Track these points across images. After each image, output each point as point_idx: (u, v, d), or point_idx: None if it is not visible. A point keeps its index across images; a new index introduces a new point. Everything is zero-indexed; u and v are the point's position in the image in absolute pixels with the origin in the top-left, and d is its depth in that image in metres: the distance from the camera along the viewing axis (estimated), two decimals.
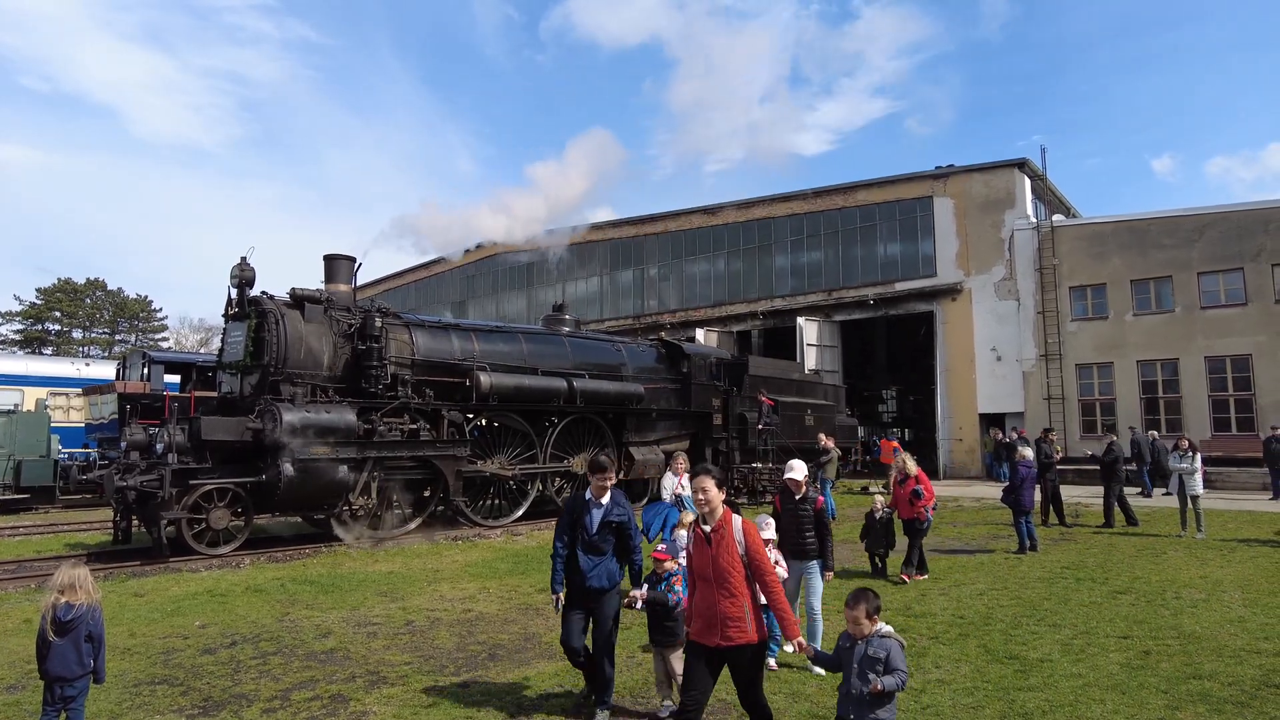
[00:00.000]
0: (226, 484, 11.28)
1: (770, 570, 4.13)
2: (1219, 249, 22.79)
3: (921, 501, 9.69)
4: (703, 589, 4.07)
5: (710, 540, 4.09)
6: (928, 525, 9.85)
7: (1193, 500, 12.80)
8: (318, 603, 8.59)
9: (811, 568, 6.48)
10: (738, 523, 4.15)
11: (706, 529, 4.15)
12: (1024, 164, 26.52)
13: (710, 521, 4.18)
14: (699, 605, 4.07)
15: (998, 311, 26.37)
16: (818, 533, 6.47)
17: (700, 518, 4.23)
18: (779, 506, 6.67)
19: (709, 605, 3.99)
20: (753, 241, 32.56)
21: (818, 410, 22.08)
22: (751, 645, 4.00)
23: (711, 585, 4.00)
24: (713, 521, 4.17)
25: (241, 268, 12.73)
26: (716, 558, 4.02)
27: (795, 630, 4.03)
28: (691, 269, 34.52)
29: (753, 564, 4.07)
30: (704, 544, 4.12)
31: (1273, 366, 21.81)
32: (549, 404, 15.19)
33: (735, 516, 4.19)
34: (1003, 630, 7.01)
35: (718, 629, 3.94)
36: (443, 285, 45.37)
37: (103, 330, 64.80)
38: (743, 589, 4.01)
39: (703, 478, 4.22)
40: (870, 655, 3.76)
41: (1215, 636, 6.72)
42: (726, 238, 33.42)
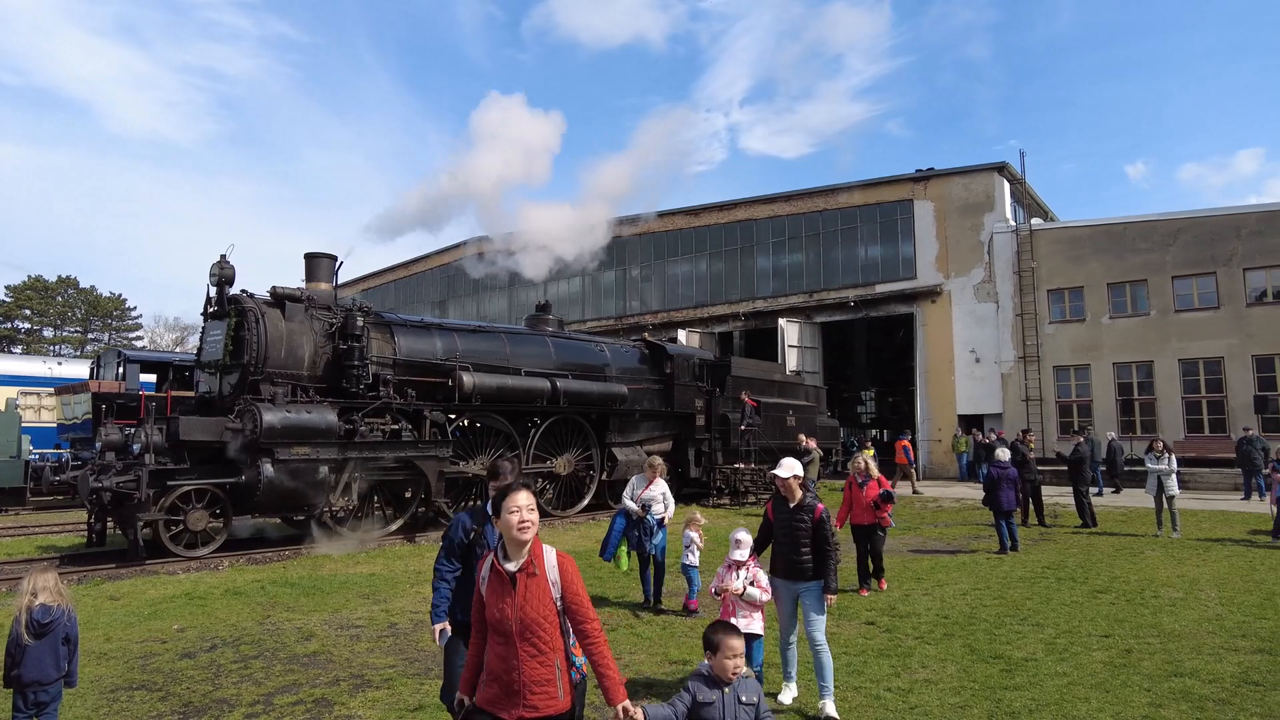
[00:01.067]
0: (205, 485, 11.10)
1: (592, 617, 3.17)
2: (1192, 253, 23.17)
3: (889, 506, 9.26)
4: (498, 647, 3.09)
5: (515, 582, 3.07)
6: (886, 533, 9.39)
7: (1168, 501, 12.99)
8: (299, 605, 8.48)
9: (810, 591, 5.35)
10: (551, 557, 3.17)
11: (509, 566, 3.09)
12: (1003, 168, 26.80)
13: (516, 556, 3.11)
14: (494, 666, 3.10)
15: (977, 314, 26.62)
16: (816, 548, 5.33)
17: (500, 549, 3.16)
18: (770, 515, 5.64)
19: (508, 667, 3.05)
20: (734, 243, 32.64)
21: (799, 411, 22.17)
22: (562, 716, 3.15)
23: (512, 641, 3.04)
24: (519, 557, 3.11)
25: (221, 265, 12.55)
26: (524, 605, 3.04)
27: (620, 693, 3.08)
28: (674, 270, 34.55)
29: (570, 610, 3.15)
30: (504, 586, 3.08)
31: (1243, 369, 22.20)
32: (532, 404, 15.12)
33: (548, 549, 3.19)
34: (987, 630, 7.06)
35: (519, 697, 3.03)
36: (423, 284, 45.05)
37: (75, 329, 63.76)
38: (555, 643, 3.10)
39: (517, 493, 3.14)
40: (744, 702, 3.25)
41: (1194, 634, 6.81)
42: (708, 239, 33.49)
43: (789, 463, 5.52)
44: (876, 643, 6.73)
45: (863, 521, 9.19)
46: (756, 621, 5.32)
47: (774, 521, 5.60)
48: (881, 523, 9.21)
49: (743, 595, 5.31)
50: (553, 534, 14.00)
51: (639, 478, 9.14)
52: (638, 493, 8.84)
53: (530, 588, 3.07)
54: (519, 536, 3.08)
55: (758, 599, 5.33)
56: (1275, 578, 9.28)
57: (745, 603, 5.32)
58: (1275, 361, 21.88)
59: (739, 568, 5.45)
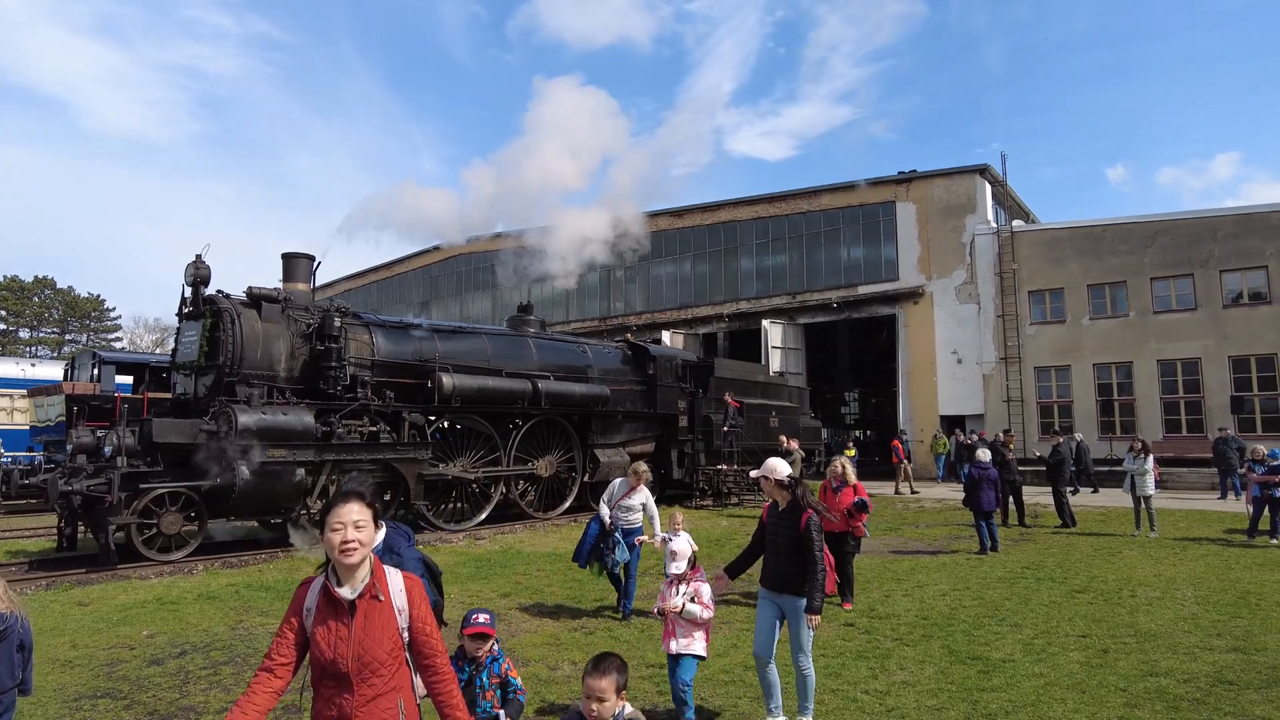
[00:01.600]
0: (179, 488, 10.93)
1: (441, 650, 2.73)
2: (1170, 255, 23.40)
3: (863, 515, 8.61)
4: (329, 692, 2.58)
5: (354, 611, 2.57)
6: (858, 545, 8.75)
7: (1145, 500, 13.07)
8: (274, 609, 8.34)
9: (794, 609, 4.76)
10: (397, 581, 2.69)
11: (344, 593, 2.58)
12: (985, 170, 26.98)
13: (352, 581, 2.59)
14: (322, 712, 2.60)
15: (958, 315, 26.77)
16: (803, 558, 4.71)
17: (328, 570, 2.64)
18: (764, 518, 5.16)
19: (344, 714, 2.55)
20: (718, 244, 32.67)
21: (782, 412, 22.18)
22: None
23: (349, 684, 2.54)
24: (355, 582, 2.60)
25: (196, 265, 12.39)
26: (364, 640, 2.55)
27: None
28: (658, 271, 34.53)
29: (417, 642, 2.69)
30: (340, 617, 2.57)
31: (1220, 370, 22.45)
32: (513, 406, 15.01)
33: (392, 572, 2.73)
34: (965, 631, 7.05)
35: None
36: (405, 285, 44.79)
37: (52, 330, 62.86)
38: (399, 681, 2.64)
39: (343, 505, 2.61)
40: None
41: (1170, 634, 6.83)
42: (693, 240, 33.50)
43: (772, 463, 5.00)
44: (855, 644, 6.70)
45: (835, 530, 8.30)
46: (698, 642, 4.81)
47: (765, 525, 5.13)
48: (854, 532, 8.62)
49: (682, 613, 4.81)
50: (534, 536, 13.91)
51: (621, 481, 8.55)
52: (616, 498, 8.27)
53: (372, 617, 2.57)
54: (343, 560, 2.55)
55: (699, 616, 4.80)
56: (1250, 576, 9.36)
57: (685, 621, 4.82)
58: (1251, 362, 22.14)
59: (679, 582, 4.95)
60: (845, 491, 8.64)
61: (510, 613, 8.11)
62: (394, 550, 3.87)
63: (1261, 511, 12.20)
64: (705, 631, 4.88)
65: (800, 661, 4.79)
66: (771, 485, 4.97)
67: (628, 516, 8.20)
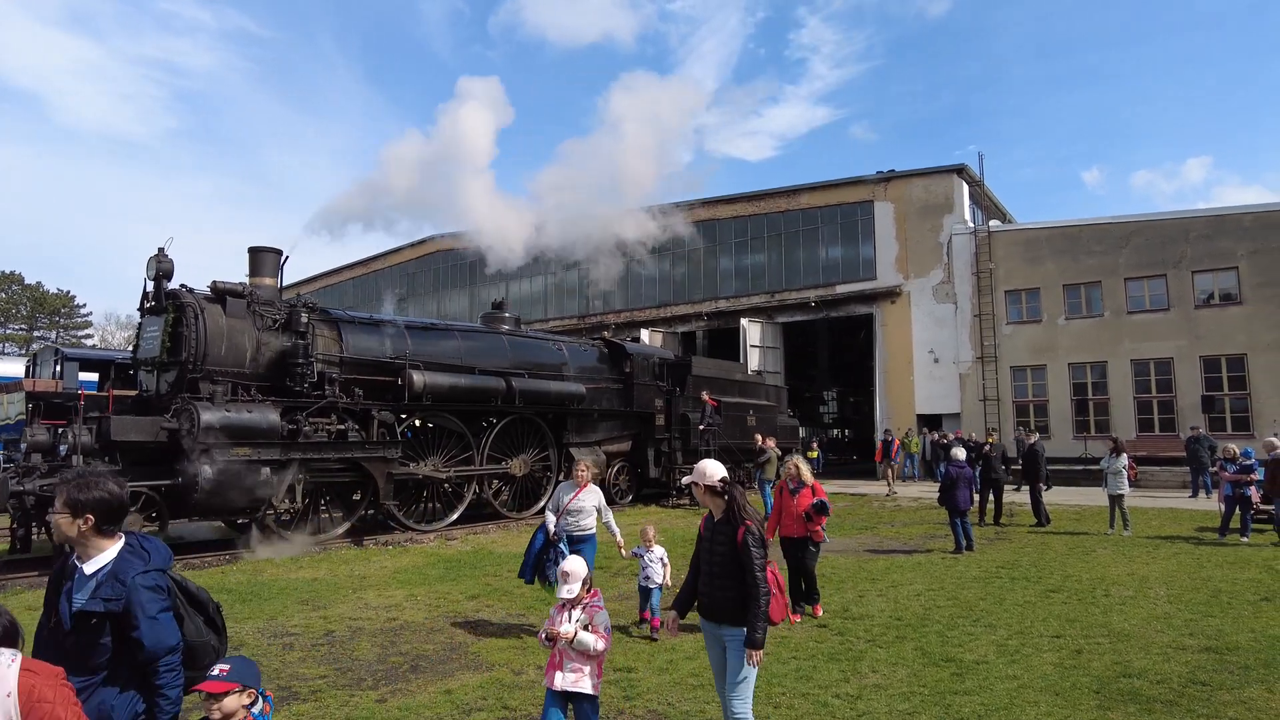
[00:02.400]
0: (139, 487, 10.60)
1: None
2: (1144, 256, 23.60)
3: (822, 518, 7.96)
4: None
5: None
6: (817, 550, 8.05)
7: (1117, 500, 13.09)
8: (233, 612, 8.08)
9: (732, 640, 3.99)
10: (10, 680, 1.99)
11: None
12: (962, 170, 27.07)
13: None
14: None
15: (935, 314, 26.84)
16: (741, 579, 3.92)
17: None
18: (702, 531, 4.36)
19: None
20: (697, 243, 32.54)
21: (760, 411, 22.10)
22: None
23: None
24: None
25: (159, 259, 12.06)
26: None
27: None
28: (636, 269, 34.33)
29: None
30: None
31: (1191, 369, 22.67)
32: (486, 404, 14.78)
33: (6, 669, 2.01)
34: (939, 632, 6.96)
35: None
36: (381, 282, 44.26)
37: (20, 326, 61.63)
38: None
39: None
40: None
41: (1143, 634, 6.78)
42: (671, 239, 33.32)
43: (703, 466, 4.18)
44: (827, 646, 6.58)
45: (793, 534, 7.96)
46: (587, 678, 4.05)
47: (699, 539, 4.34)
48: (813, 536, 7.97)
49: (573, 642, 4.02)
50: (507, 536, 13.70)
51: (566, 484, 7.69)
52: (563, 502, 7.44)
53: None
54: None
55: (591, 647, 4.00)
56: (1221, 575, 9.37)
57: (576, 652, 4.04)
58: (1221, 362, 22.38)
59: (571, 607, 4.14)
60: (803, 493, 7.98)
61: (478, 614, 7.92)
62: (119, 579, 2.75)
63: (1233, 510, 12.26)
64: (598, 666, 4.16)
65: (734, 706, 3.93)
66: (703, 492, 4.17)
67: (578, 521, 7.51)
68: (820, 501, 7.93)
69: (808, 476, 8.07)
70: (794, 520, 7.95)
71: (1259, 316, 21.86)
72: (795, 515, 7.92)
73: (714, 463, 4.25)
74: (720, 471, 4.18)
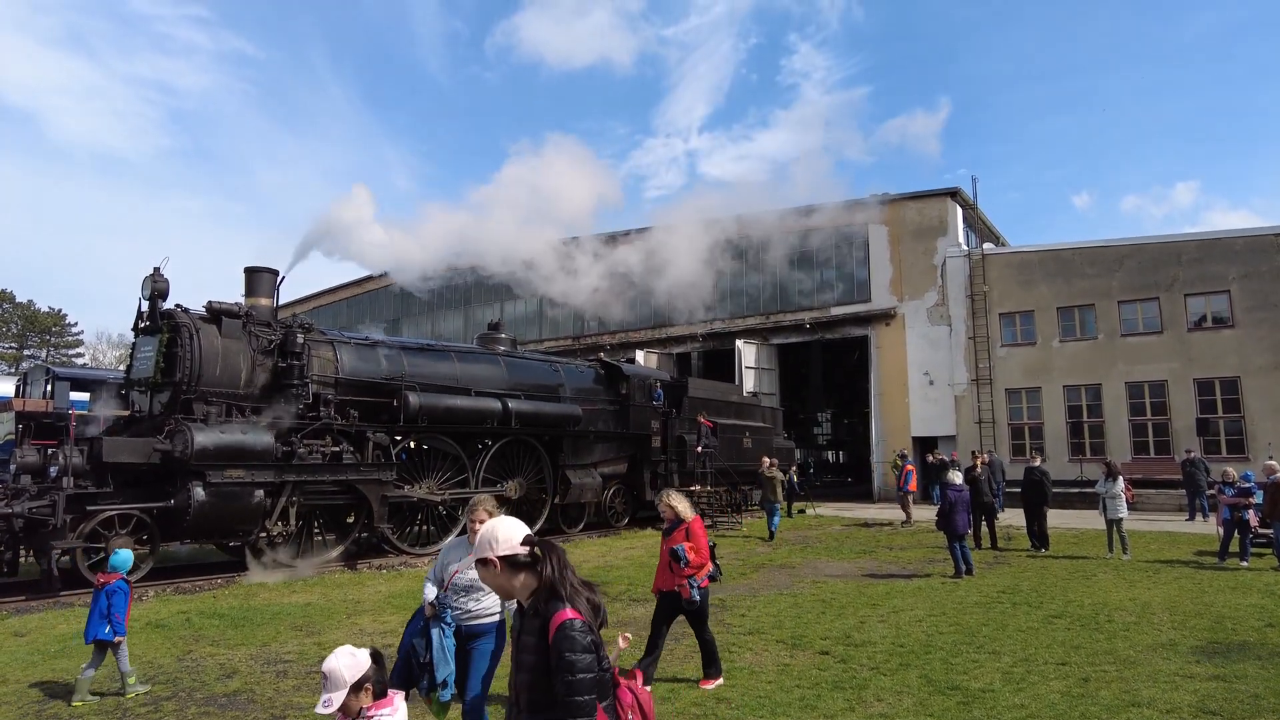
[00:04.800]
0: (130, 510, 10.46)
1: None
2: (1136, 279, 23.74)
3: (687, 568, 6.12)
4: None
5: None
6: (698, 604, 6.19)
7: (1116, 524, 13.02)
8: (225, 639, 7.95)
9: None
10: None
11: None
12: (956, 193, 27.26)
13: None
14: None
15: (930, 336, 26.91)
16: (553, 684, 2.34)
17: None
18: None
19: None
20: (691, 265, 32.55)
21: (756, 433, 22.05)
22: None
23: None
24: None
25: (154, 279, 11.98)
26: None
27: None
28: (632, 290, 34.33)
29: None
30: None
31: (1185, 392, 22.72)
32: (482, 426, 14.68)
33: None
34: (943, 659, 6.87)
35: None
36: (376, 303, 44.20)
37: (10, 345, 61.17)
38: None
39: None
40: None
41: (1149, 661, 6.70)
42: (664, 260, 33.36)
43: (492, 532, 2.57)
44: (830, 674, 6.48)
45: (667, 587, 6.29)
46: None
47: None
48: (681, 592, 6.13)
49: None
50: None
51: (454, 542, 4.86)
52: (451, 569, 4.57)
53: None
54: None
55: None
56: (1223, 600, 9.30)
57: None
58: (1215, 385, 22.44)
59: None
60: (675, 534, 6.35)
61: None
62: None
63: (1232, 534, 12.22)
64: None
65: None
66: (498, 574, 2.54)
67: (472, 604, 4.59)
68: (674, 550, 6.16)
69: (685, 511, 6.49)
70: (663, 570, 6.41)
71: (1251, 340, 21.97)
72: (663, 565, 6.42)
73: (508, 523, 2.65)
74: (517, 533, 2.58)
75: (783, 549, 14.82)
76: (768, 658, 7.01)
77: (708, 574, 6.32)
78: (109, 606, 6.07)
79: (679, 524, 6.40)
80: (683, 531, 6.32)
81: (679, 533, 6.33)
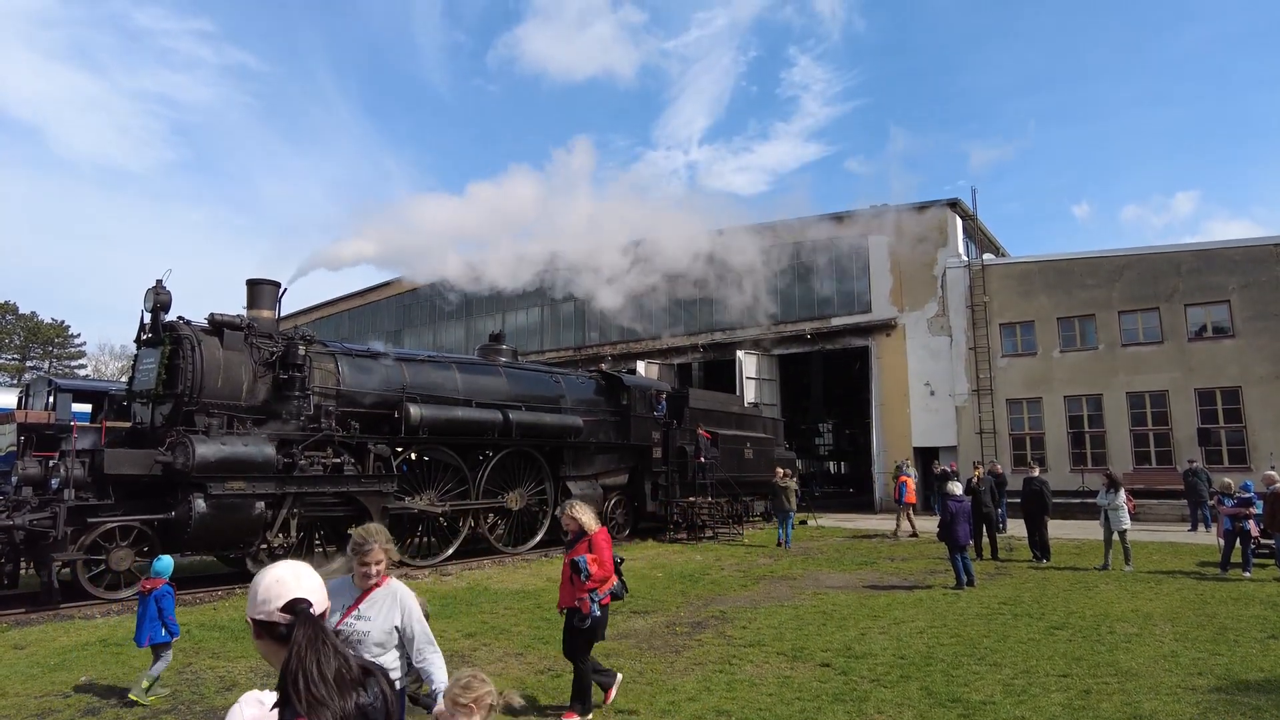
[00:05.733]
0: (130, 522, 10.47)
1: None
2: (1136, 289, 23.77)
3: (589, 581, 5.74)
4: None
5: None
6: (592, 623, 5.80)
7: (1120, 535, 13.00)
8: (225, 651, 7.94)
9: None
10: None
11: None
12: (956, 204, 27.33)
13: None
14: None
15: (931, 347, 26.92)
16: None
17: None
18: None
19: None
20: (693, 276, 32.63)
21: (757, 443, 22.03)
22: None
23: None
24: None
25: (157, 291, 12.03)
26: None
27: None
28: (633, 301, 34.39)
29: None
30: None
31: (1186, 402, 22.71)
32: (483, 437, 14.69)
33: None
34: (944, 671, 6.86)
35: None
36: (378, 314, 44.28)
37: (12, 356, 61.27)
38: None
39: None
40: None
41: (1151, 673, 6.68)
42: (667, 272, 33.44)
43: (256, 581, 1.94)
44: (831, 686, 6.47)
45: (571, 603, 5.91)
46: None
47: None
48: (580, 607, 5.78)
49: None
50: (503, 572, 13.54)
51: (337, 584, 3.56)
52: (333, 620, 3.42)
53: None
54: None
55: None
56: (1226, 611, 9.28)
57: None
58: (1216, 395, 22.43)
59: None
60: (578, 547, 5.97)
61: (475, 654, 7.78)
62: None
63: (1233, 544, 12.20)
64: None
65: None
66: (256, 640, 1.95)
67: None
68: (575, 561, 5.77)
69: (590, 523, 6.04)
70: (565, 585, 6.01)
71: (1252, 349, 21.98)
72: (565, 579, 6.02)
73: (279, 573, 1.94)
74: (281, 591, 1.87)
75: (784, 560, 14.80)
76: (768, 670, 7.00)
77: (610, 589, 5.96)
78: (159, 610, 6.36)
79: (582, 536, 6.01)
80: (585, 544, 5.95)
81: (581, 545, 5.97)
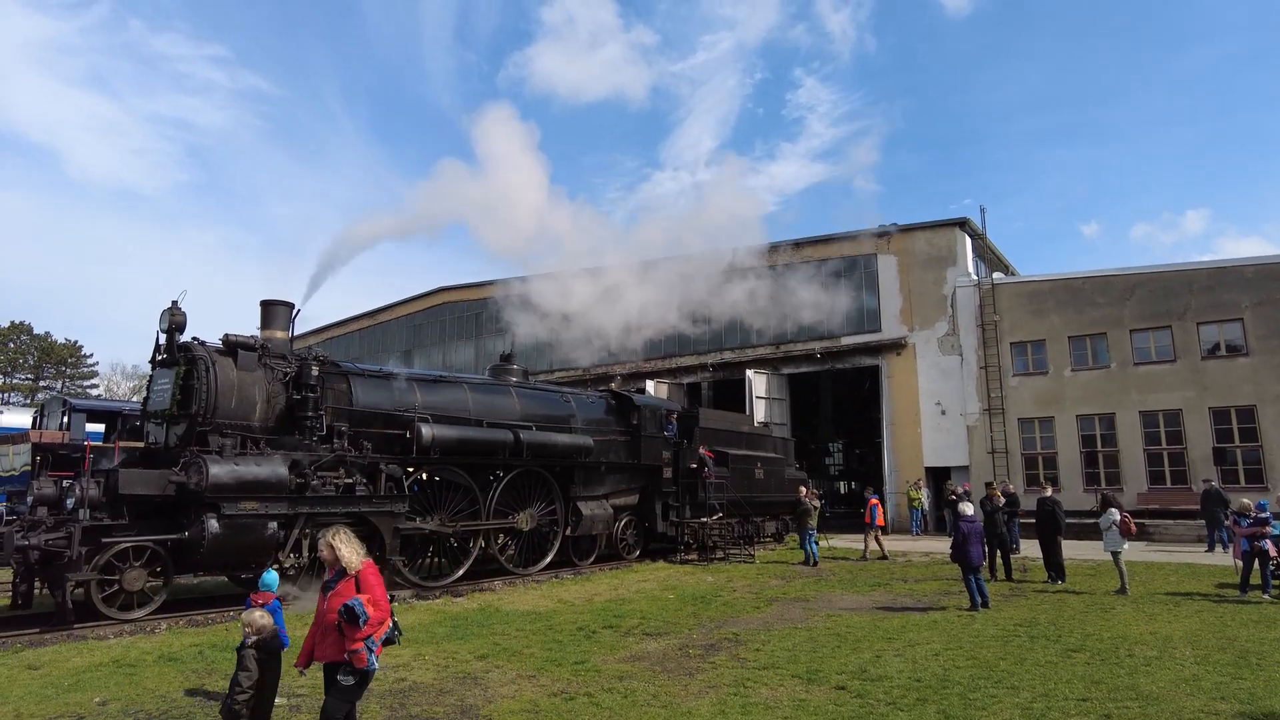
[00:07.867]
0: (144, 542, 10.50)
1: None
2: (1148, 308, 23.69)
3: (365, 626, 4.69)
4: None
5: None
6: (356, 682, 4.79)
7: (1114, 556, 12.79)
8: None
9: None
10: None
11: None
12: (965, 223, 27.37)
13: None
14: None
15: (941, 366, 26.85)
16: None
17: None
18: None
19: None
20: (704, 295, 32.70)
21: (767, 463, 21.96)
22: None
23: None
24: None
25: (173, 312, 12.13)
26: None
27: None
28: (643, 321, 34.45)
29: None
30: None
31: (1201, 421, 22.54)
32: (494, 457, 14.69)
33: None
34: (961, 694, 6.78)
35: None
36: (388, 334, 44.50)
37: (26, 376, 61.81)
38: None
39: None
40: None
41: (1172, 697, 6.59)
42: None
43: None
44: (847, 709, 6.40)
45: (334, 656, 4.83)
46: None
47: None
48: (353, 660, 4.71)
49: None
50: (514, 593, 13.49)
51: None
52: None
53: None
54: None
55: None
56: (1247, 634, 9.16)
57: None
58: (1231, 413, 22.26)
59: None
60: (342, 585, 4.90)
61: (488, 675, 7.74)
62: None
63: (1251, 565, 12.05)
64: None
65: None
66: None
67: None
68: (348, 605, 4.67)
69: (353, 560, 4.96)
70: (328, 632, 4.85)
71: (1266, 368, 21.83)
72: (328, 625, 4.84)
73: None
74: None
75: (796, 581, 14.70)
76: (783, 693, 6.94)
77: (384, 634, 4.93)
78: None
79: (344, 575, 4.90)
80: (351, 582, 4.86)
81: (346, 584, 4.87)
